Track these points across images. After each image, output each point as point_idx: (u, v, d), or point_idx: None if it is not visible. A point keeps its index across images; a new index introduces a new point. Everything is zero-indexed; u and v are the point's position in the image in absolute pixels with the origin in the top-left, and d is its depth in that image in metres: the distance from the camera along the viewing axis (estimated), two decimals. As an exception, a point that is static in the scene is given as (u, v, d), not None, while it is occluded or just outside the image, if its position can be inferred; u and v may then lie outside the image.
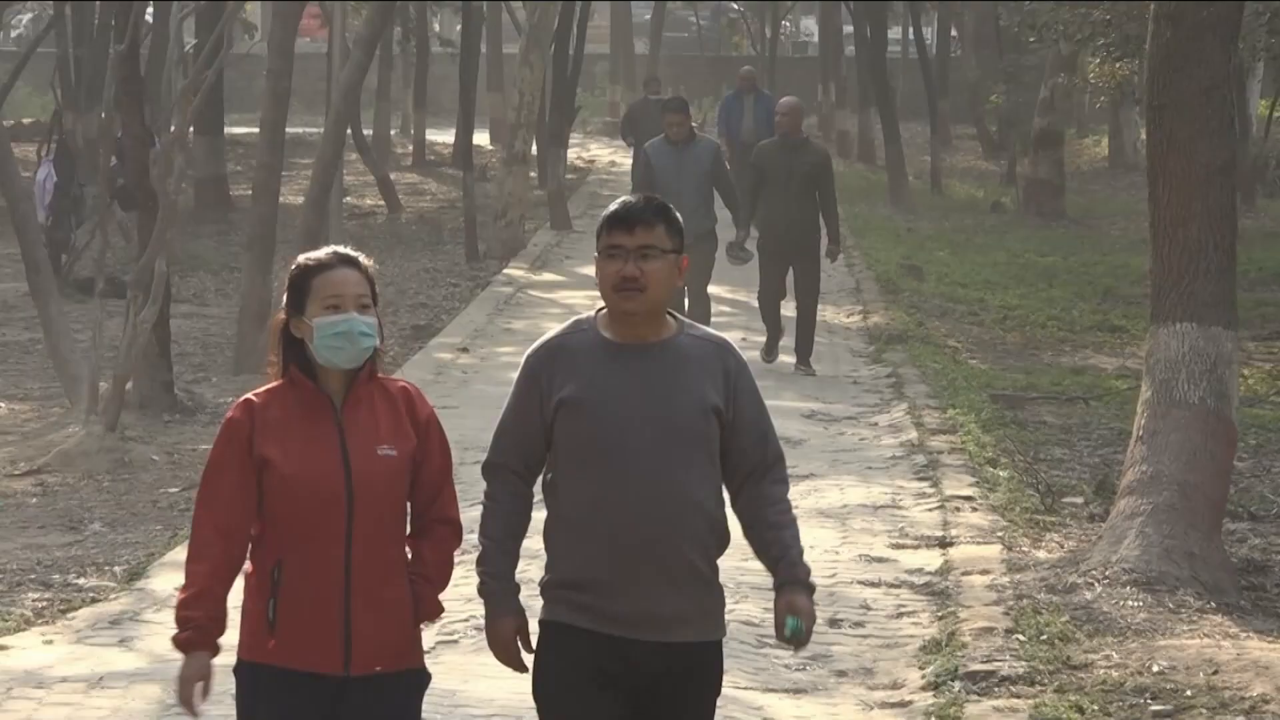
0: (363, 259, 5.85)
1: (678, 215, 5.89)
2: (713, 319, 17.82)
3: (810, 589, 5.83)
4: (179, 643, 5.70)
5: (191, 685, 5.66)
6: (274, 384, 5.82)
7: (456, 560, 5.95)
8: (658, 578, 5.71)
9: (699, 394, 5.78)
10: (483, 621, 5.88)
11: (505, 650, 5.85)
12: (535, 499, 5.91)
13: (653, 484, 5.70)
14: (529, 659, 5.86)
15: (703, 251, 17.27)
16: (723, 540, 5.86)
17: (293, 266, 5.85)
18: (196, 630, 5.66)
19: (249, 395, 5.80)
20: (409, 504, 5.84)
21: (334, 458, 5.68)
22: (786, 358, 18.35)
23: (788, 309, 18.52)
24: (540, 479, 5.92)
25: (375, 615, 5.70)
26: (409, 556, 5.82)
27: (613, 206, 5.93)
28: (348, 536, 5.66)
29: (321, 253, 5.85)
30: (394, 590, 5.75)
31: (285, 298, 5.79)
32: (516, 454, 5.87)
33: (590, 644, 5.74)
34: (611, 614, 5.72)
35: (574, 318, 5.98)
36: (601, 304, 5.92)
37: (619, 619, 5.72)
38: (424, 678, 5.91)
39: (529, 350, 5.92)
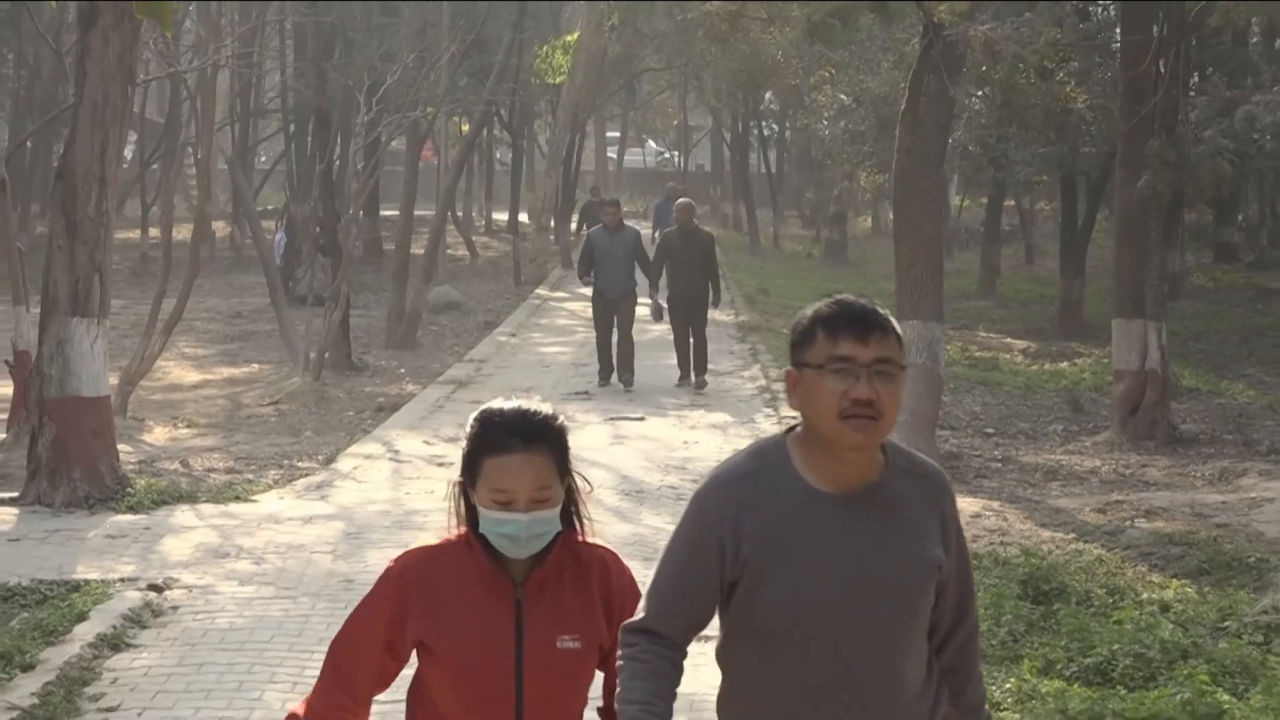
0: (555, 425, 2.75)
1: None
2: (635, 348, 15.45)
3: None
4: None
5: None
6: (452, 538, 2.83)
7: None
8: None
9: (920, 553, 2.65)
10: None
11: None
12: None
13: (865, 671, 2.62)
14: None
15: (629, 304, 15.30)
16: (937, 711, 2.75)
17: (473, 419, 2.79)
18: None
19: (421, 549, 2.86)
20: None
21: (506, 649, 2.76)
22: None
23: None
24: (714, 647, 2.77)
25: None
26: None
27: (827, 308, 2.71)
28: None
29: (506, 411, 2.75)
30: None
31: (462, 457, 2.79)
32: (677, 619, 2.65)
33: None
34: None
35: (757, 443, 2.72)
36: (794, 427, 2.70)
37: None
38: None
39: (706, 482, 2.69)
